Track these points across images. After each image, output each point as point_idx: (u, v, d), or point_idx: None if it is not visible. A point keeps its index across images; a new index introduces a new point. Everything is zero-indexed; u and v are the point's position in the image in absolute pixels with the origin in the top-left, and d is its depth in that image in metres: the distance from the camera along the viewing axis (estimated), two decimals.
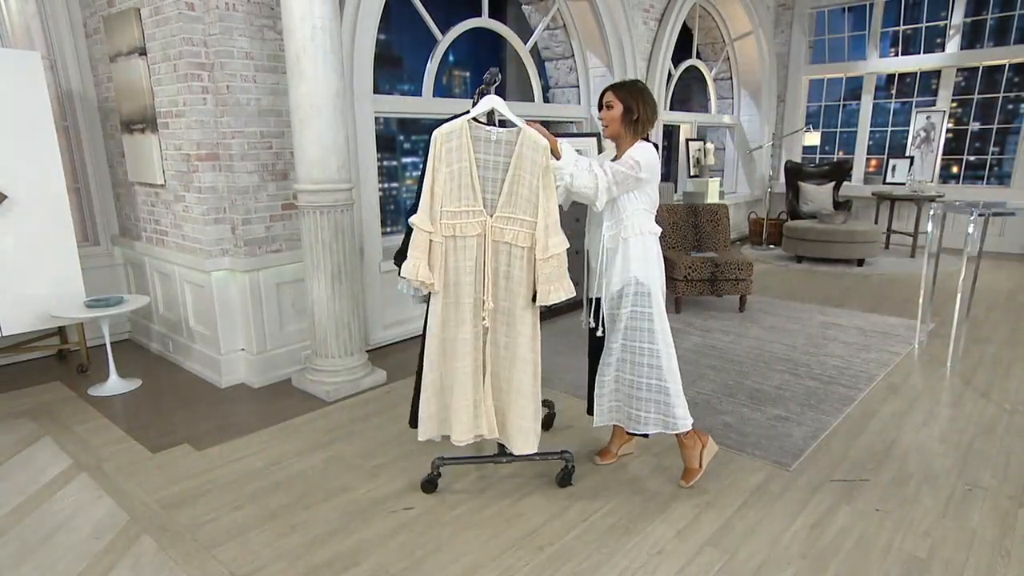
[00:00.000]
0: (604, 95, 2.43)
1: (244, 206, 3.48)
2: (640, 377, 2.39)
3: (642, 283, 2.36)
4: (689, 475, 2.52)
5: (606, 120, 2.41)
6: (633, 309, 2.37)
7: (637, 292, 2.37)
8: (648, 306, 2.37)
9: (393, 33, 7.09)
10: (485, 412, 2.34)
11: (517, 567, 2.06)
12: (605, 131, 2.46)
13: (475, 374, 2.31)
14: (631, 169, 2.30)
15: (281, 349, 3.72)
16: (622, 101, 2.37)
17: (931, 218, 4.00)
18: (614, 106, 2.38)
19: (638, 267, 2.37)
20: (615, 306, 2.41)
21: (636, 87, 2.41)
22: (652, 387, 2.39)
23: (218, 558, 2.12)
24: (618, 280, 2.38)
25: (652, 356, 2.38)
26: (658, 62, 6.46)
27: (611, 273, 2.41)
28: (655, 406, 2.40)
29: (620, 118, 2.38)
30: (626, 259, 2.37)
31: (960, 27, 7.61)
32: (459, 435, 2.34)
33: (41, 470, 2.72)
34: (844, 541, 2.17)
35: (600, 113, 2.45)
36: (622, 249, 2.36)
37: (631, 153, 2.34)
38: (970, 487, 2.48)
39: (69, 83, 4.13)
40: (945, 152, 7.90)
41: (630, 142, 2.40)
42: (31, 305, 3.62)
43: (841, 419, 3.09)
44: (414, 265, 2.20)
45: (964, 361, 3.82)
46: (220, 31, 3.25)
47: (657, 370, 2.38)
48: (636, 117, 2.37)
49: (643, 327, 2.38)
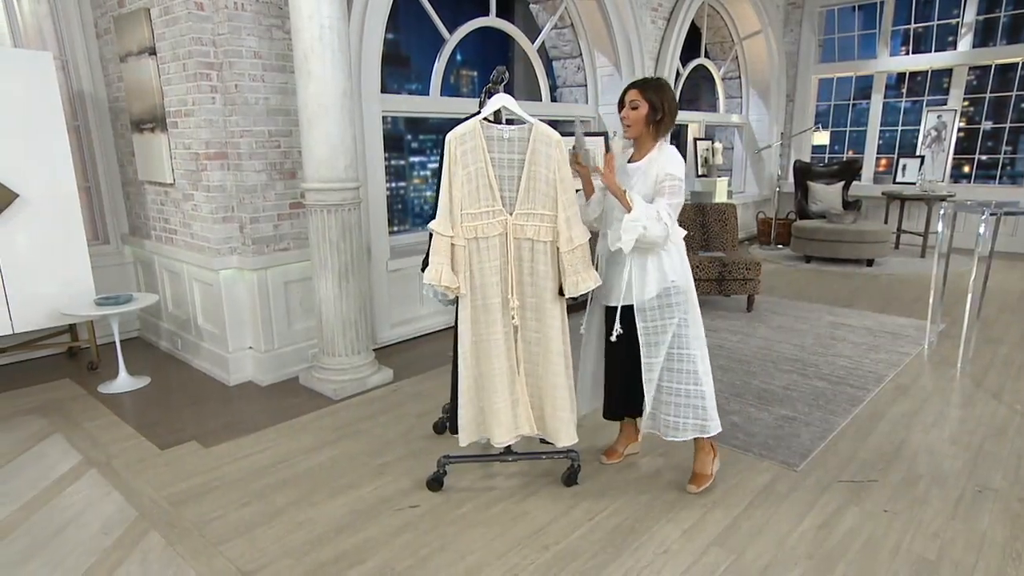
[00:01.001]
0: (627, 94, 2.33)
1: (252, 205, 3.50)
2: (681, 384, 2.36)
3: (682, 289, 2.32)
4: (700, 480, 2.48)
5: (629, 120, 2.32)
6: (681, 317, 2.33)
7: (678, 301, 2.32)
8: (689, 312, 2.34)
9: (401, 33, 7.10)
10: (524, 409, 2.36)
11: (522, 566, 2.06)
12: (627, 131, 2.36)
13: (510, 372, 2.33)
14: (679, 193, 2.26)
15: (289, 347, 3.74)
16: (647, 100, 2.28)
17: (942, 218, 3.97)
18: (639, 106, 2.29)
19: (676, 273, 2.33)
20: (656, 316, 2.34)
21: (661, 85, 2.32)
22: (691, 392, 2.36)
23: (225, 554, 2.13)
24: (654, 287, 2.32)
25: (691, 362, 2.35)
26: (666, 61, 6.44)
27: (645, 280, 2.33)
28: (693, 411, 2.37)
29: (645, 118, 2.30)
30: (661, 265, 2.32)
31: (972, 25, 7.53)
32: (500, 436, 2.36)
33: (51, 466, 2.74)
34: (852, 542, 2.15)
35: (622, 113, 2.35)
36: (656, 256, 2.31)
37: (668, 169, 2.26)
38: (980, 489, 2.46)
39: (80, 83, 4.17)
40: (957, 151, 7.83)
41: (652, 143, 2.35)
42: (42, 303, 3.66)
43: (849, 420, 3.07)
44: (436, 270, 2.21)
45: (975, 362, 3.79)
46: (229, 31, 3.27)
47: (695, 375, 2.35)
48: (660, 117, 2.30)
49: (686, 334, 2.34)
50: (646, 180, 2.30)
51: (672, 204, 2.24)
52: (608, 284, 2.45)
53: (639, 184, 2.31)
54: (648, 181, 2.29)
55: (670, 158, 2.30)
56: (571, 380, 2.37)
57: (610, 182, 2.23)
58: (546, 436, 2.43)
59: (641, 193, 2.27)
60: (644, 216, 2.18)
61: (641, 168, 2.33)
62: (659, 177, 2.27)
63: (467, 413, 2.34)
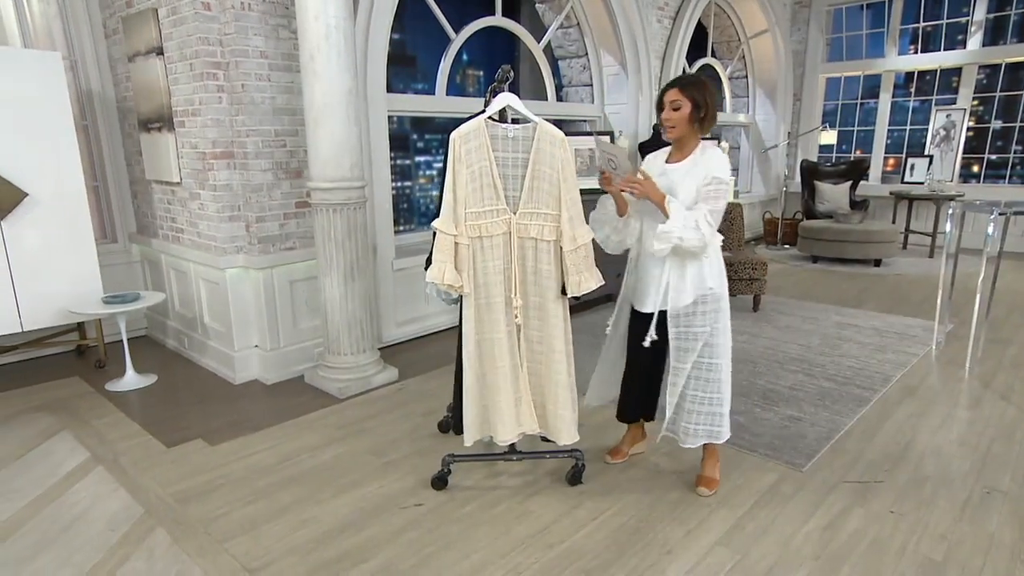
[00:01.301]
0: (667, 94, 2.24)
1: (258, 204, 3.52)
2: (705, 392, 2.33)
3: (718, 296, 2.28)
4: (712, 484, 2.45)
5: (672, 121, 2.23)
6: (713, 326, 2.28)
7: (713, 308, 2.28)
8: (720, 320, 2.30)
9: (407, 33, 7.12)
10: (527, 408, 2.37)
11: (526, 564, 2.06)
12: (669, 132, 2.26)
13: (513, 371, 2.33)
14: (723, 197, 2.18)
15: (294, 346, 3.75)
16: (690, 98, 2.20)
17: (950, 217, 3.94)
18: (682, 105, 2.20)
19: (713, 279, 2.27)
20: (689, 322, 2.29)
21: (701, 81, 2.24)
22: (713, 400, 2.34)
23: (230, 552, 2.14)
24: (691, 293, 2.27)
25: (717, 371, 2.32)
26: (672, 60, 6.42)
27: (682, 285, 2.27)
28: (707, 418, 2.35)
29: (688, 117, 2.21)
30: (701, 271, 2.26)
31: (982, 23, 7.47)
32: (504, 435, 2.36)
33: (59, 463, 2.76)
34: (857, 543, 2.14)
35: (663, 115, 2.25)
36: (696, 261, 2.25)
37: (714, 172, 2.19)
38: (988, 490, 2.44)
39: (89, 83, 4.20)
40: (966, 151, 7.77)
41: (695, 143, 2.28)
42: (50, 301, 3.68)
43: (856, 420, 3.05)
44: (439, 269, 2.20)
45: (983, 363, 3.76)
46: (235, 30, 3.28)
47: (718, 384, 2.33)
48: (704, 114, 2.22)
49: (717, 343, 2.30)
50: (688, 182, 2.22)
51: (714, 210, 2.17)
52: (643, 287, 2.38)
53: (680, 186, 2.23)
54: (690, 183, 2.21)
55: (715, 160, 2.22)
56: (573, 379, 2.37)
57: (650, 190, 2.16)
58: (548, 434, 2.43)
59: (683, 197, 2.20)
60: (680, 226, 2.12)
61: (683, 169, 2.26)
62: (705, 179, 2.19)
63: (471, 412, 2.34)
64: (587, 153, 5.16)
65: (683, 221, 2.13)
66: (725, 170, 2.21)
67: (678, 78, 2.30)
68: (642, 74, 6.04)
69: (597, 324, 4.61)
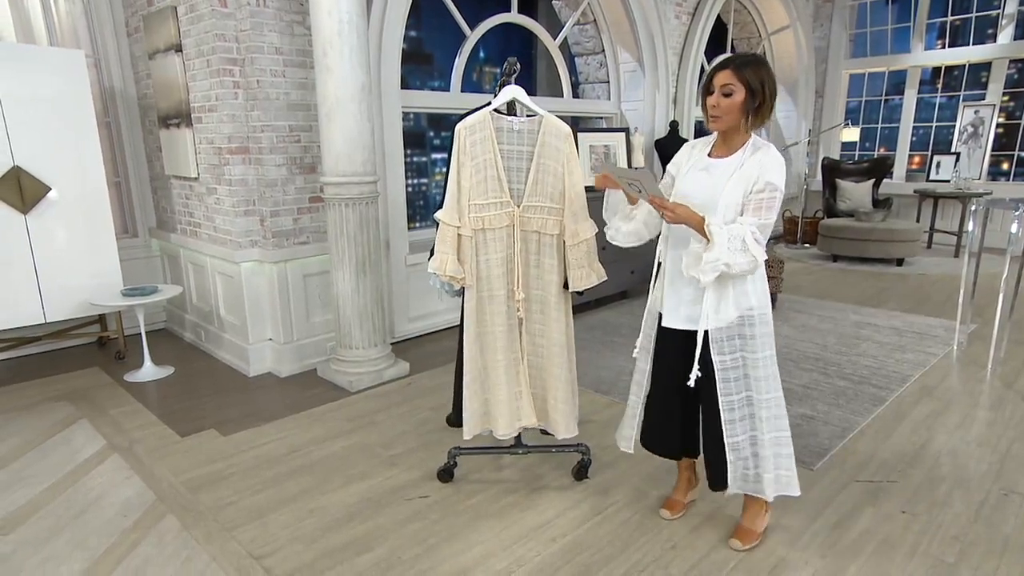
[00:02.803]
0: (716, 76, 1.85)
1: (273, 198, 3.56)
2: (763, 433, 1.99)
3: (764, 313, 1.96)
4: (749, 537, 2.09)
5: (722, 110, 1.84)
6: (763, 354, 1.95)
7: (762, 331, 1.94)
8: (771, 346, 1.98)
9: (424, 30, 7.15)
10: (527, 401, 2.36)
11: (528, 557, 2.06)
12: (715, 123, 1.88)
13: (514, 364, 2.33)
14: (776, 208, 1.84)
15: (307, 340, 3.80)
16: (744, 83, 1.81)
17: (973, 215, 3.84)
18: (734, 91, 1.82)
19: (757, 294, 1.95)
20: (733, 347, 1.95)
21: (759, 61, 1.86)
22: (780, 441, 2.02)
23: (237, 539, 2.18)
24: (733, 311, 1.93)
25: (773, 406, 1.99)
26: (690, 57, 6.35)
27: (723, 304, 1.93)
28: (775, 461, 2.01)
29: (741, 106, 1.83)
30: (743, 285, 1.93)
31: (1014, 16, 7.27)
32: (503, 429, 2.36)
33: (77, 450, 2.83)
34: (867, 543, 2.10)
35: (711, 100, 1.86)
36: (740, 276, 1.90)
37: (769, 177, 1.82)
38: (1007, 492, 2.38)
39: (111, 80, 4.29)
40: (995, 148, 7.57)
41: (745, 136, 1.90)
42: (72, 294, 3.78)
43: (870, 420, 3.00)
44: (441, 260, 2.21)
45: (1006, 363, 3.66)
46: (251, 27, 3.33)
47: (778, 420, 2.01)
48: (759, 103, 1.84)
49: (770, 374, 1.97)
50: (734, 185, 1.85)
51: (764, 224, 1.82)
52: (674, 299, 2.02)
53: (724, 189, 1.86)
54: (736, 187, 1.85)
55: (771, 161, 1.84)
56: (574, 374, 2.35)
57: (685, 214, 1.82)
58: (547, 428, 2.43)
59: (725, 201, 1.85)
60: (727, 251, 1.78)
61: (729, 168, 1.88)
62: (756, 184, 1.83)
63: (471, 406, 2.35)
64: (602, 150, 5.14)
65: (728, 244, 1.78)
66: (782, 175, 1.84)
67: (730, 57, 1.89)
68: (659, 71, 5.99)
69: (608, 321, 4.59)
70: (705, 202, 1.88)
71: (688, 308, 1.99)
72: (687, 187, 1.96)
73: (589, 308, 4.93)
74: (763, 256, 1.83)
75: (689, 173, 1.98)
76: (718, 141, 1.96)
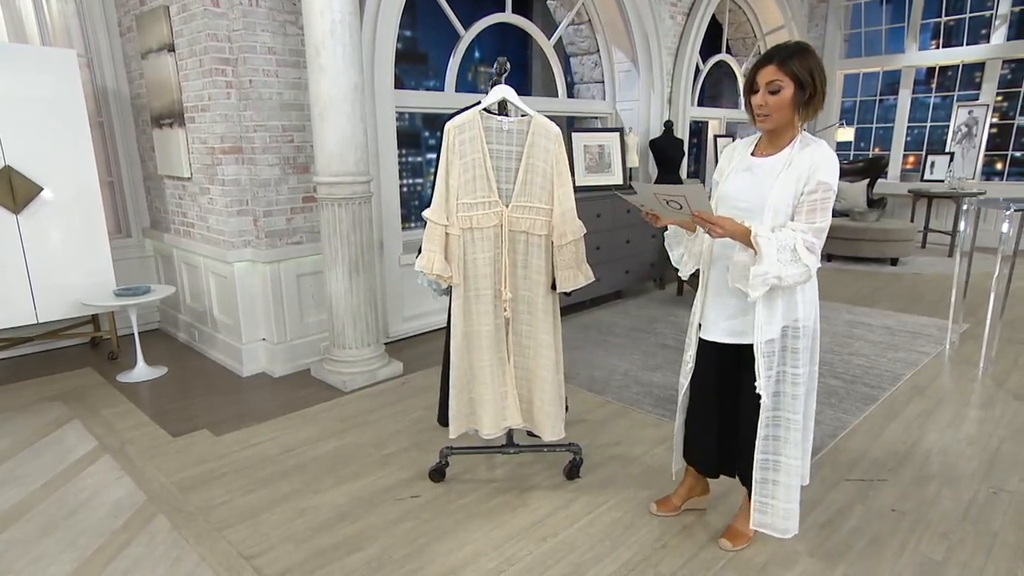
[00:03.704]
0: (760, 73, 1.73)
1: (266, 198, 3.56)
2: (783, 457, 1.90)
3: (808, 326, 1.84)
4: (740, 539, 2.08)
5: (768, 108, 1.72)
6: (803, 370, 1.84)
7: (804, 346, 1.83)
8: (813, 362, 1.88)
9: (419, 30, 7.15)
10: (512, 401, 2.36)
11: (519, 556, 2.06)
12: (763, 123, 1.76)
13: (500, 364, 2.33)
14: (828, 210, 1.72)
15: (301, 340, 3.79)
16: (793, 76, 1.69)
17: (964, 214, 3.86)
18: (782, 87, 1.70)
19: (805, 304, 1.82)
20: (772, 362, 1.84)
21: (806, 51, 1.72)
22: (792, 469, 1.91)
23: (228, 539, 2.18)
24: (779, 323, 1.82)
25: (797, 429, 1.88)
26: (685, 57, 6.36)
27: (771, 314, 1.81)
28: (785, 492, 1.92)
29: (791, 102, 1.71)
30: (791, 295, 1.80)
31: (1007, 16, 7.30)
32: (488, 428, 2.36)
33: (68, 451, 2.82)
34: (856, 541, 2.11)
35: (756, 99, 1.74)
36: None
37: (822, 176, 1.70)
38: (995, 490, 2.39)
39: (104, 80, 4.28)
40: (989, 148, 7.60)
41: (793, 132, 1.77)
42: (65, 294, 3.77)
43: (861, 419, 3.01)
44: (428, 259, 2.21)
45: (998, 362, 3.67)
46: (243, 27, 3.33)
47: (797, 446, 1.89)
48: (810, 95, 1.71)
49: (802, 392, 1.86)
50: (782, 186, 1.74)
51: (819, 228, 1.70)
52: (715, 312, 1.93)
53: (771, 189, 1.75)
54: (784, 188, 1.74)
55: (824, 158, 1.71)
56: (561, 375, 2.34)
57: (731, 227, 1.70)
58: (532, 429, 2.42)
59: (773, 203, 1.74)
60: (776, 265, 1.67)
61: (776, 167, 1.77)
62: (807, 184, 1.71)
63: (457, 404, 2.35)
64: (596, 150, 5.14)
65: (778, 255, 1.66)
66: (835, 173, 1.72)
67: (775, 49, 1.73)
68: (654, 71, 6.00)
69: (603, 321, 4.59)
70: (751, 204, 1.78)
71: (729, 321, 1.89)
72: (730, 189, 1.85)
73: (584, 308, 4.94)
74: (816, 264, 1.70)
75: (732, 175, 1.87)
76: (763, 139, 1.86)
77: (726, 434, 2.07)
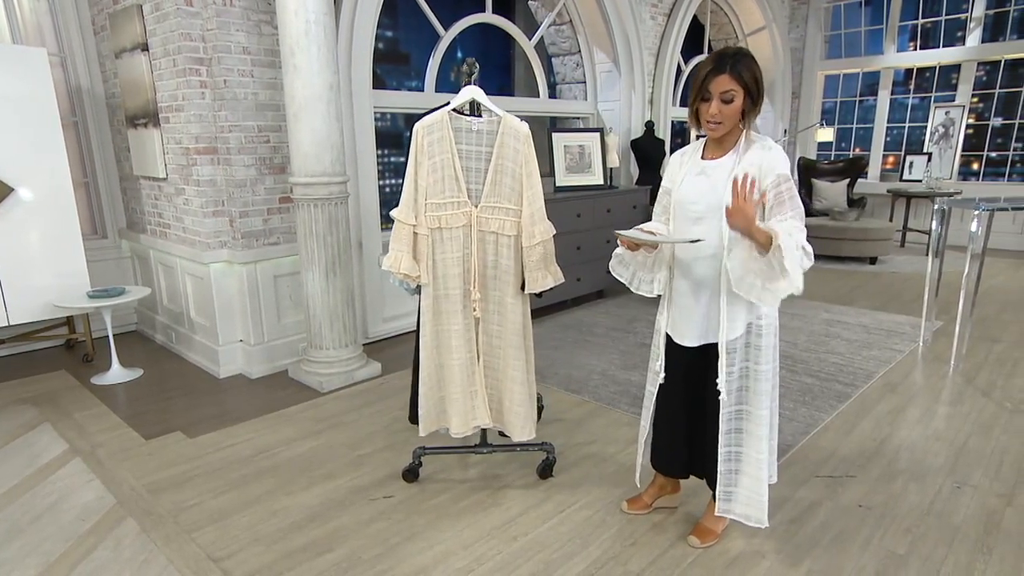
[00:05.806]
0: (714, 81, 1.73)
1: (242, 199, 3.54)
2: (745, 449, 1.94)
3: (771, 324, 1.88)
4: (708, 536, 2.09)
5: (721, 117, 1.76)
6: (766, 367, 1.88)
7: (768, 343, 1.87)
8: (775, 359, 1.92)
9: (401, 30, 7.14)
10: (482, 401, 2.36)
11: (488, 555, 2.06)
12: (715, 131, 1.80)
13: (469, 364, 2.33)
14: (796, 194, 1.78)
15: (278, 341, 3.77)
16: (744, 86, 1.74)
17: (935, 214, 3.92)
18: (736, 96, 1.74)
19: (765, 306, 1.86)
20: (734, 359, 1.89)
21: (749, 57, 1.76)
22: (761, 462, 1.94)
23: (197, 541, 2.16)
24: (743, 321, 1.86)
25: (761, 424, 1.91)
26: (666, 57, 6.40)
27: (736, 312, 1.86)
28: (750, 482, 1.95)
29: (741, 111, 1.77)
30: None
31: (982, 19, 7.42)
32: (457, 427, 2.36)
33: (37, 455, 2.79)
34: (822, 536, 2.13)
35: (710, 108, 1.76)
36: None
37: (780, 169, 1.75)
38: (959, 485, 2.43)
39: (78, 79, 4.23)
40: (965, 148, 7.72)
41: (739, 133, 1.83)
42: (37, 295, 3.72)
43: (834, 416, 3.04)
44: (395, 258, 2.21)
45: (968, 359, 3.73)
46: (217, 26, 3.31)
47: (762, 440, 1.93)
48: (756, 102, 1.78)
49: (768, 388, 1.90)
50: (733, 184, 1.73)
51: (802, 214, 1.74)
52: (685, 320, 1.96)
53: (724, 187, 1.78)
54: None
55: (772, 153, 1.77)
56: (532, 376, 2.35)
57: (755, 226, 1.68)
58: (503, 429, 2.43)
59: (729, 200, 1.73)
60: (800, 277, 1.67)
61: (726, 167, 1.82)
62: (767, 180, 1.76)
63: (426, 403, 2.35)
64: (576, 150, 5.16)
65: (801, 267, 1.67)
66: (787, 164, 1.78)
67: (722, 55, 1.75)
68: (635, 72, 6.03)
69: (583, 321, 4.61)
70: (709, 205, 1.83)
71: (699, 325, 1.93)
72: (687, 193, 1.89)
73: (565, 307, 4.95)
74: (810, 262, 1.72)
75: (685, 180, 1.91)
76: (710, 143, 1.90)
77: (694, 435, 2.09)
